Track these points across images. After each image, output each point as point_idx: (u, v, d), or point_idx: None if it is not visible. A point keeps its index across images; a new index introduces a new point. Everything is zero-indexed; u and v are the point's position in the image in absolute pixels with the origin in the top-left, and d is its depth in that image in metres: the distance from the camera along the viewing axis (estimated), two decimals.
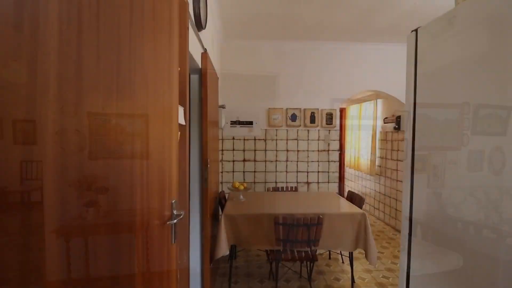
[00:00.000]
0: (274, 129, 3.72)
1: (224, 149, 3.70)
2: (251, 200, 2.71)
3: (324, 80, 3.74)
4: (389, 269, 2.80)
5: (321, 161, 3.77)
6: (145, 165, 0.71)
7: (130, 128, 0.75)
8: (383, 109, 4.43)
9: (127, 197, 0.77)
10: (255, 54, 3.69)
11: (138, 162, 0.72)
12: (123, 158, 0.75)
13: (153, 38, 0.86)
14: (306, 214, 2.24)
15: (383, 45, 3.73)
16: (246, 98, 3.70)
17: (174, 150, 0.95)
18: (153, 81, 0.79)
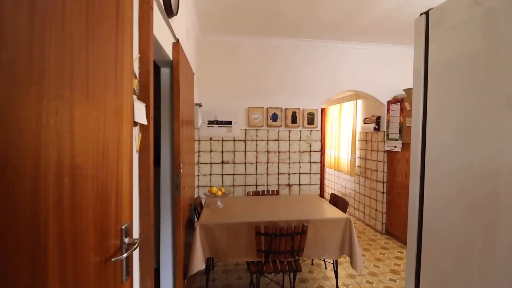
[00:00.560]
0: (254, 129, 3.54)
1: (200, 150, 3.45)
2: (230, 206, 2.50)
3: (305, 79, 3.62)
4: (372, 273, 2.73)
5: (302, 162, 3.65)
6: (67, 182, 0.48)
7: (39, 129, 0.48)
8: (363, 110, 4.42)
9: (25, 231, 0.45)
10: (235, 50, 3.48)
11: (51, 178, 0.46)
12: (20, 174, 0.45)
13: (90, 14, 0.63)
14: (289, 221, 2.08)
15: (364, 45, 3.69)
16: (225, 96, 3.48)
17: (126, 158, 0.73)
18: (86, 68, 0.56)
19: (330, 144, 5.56)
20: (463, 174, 0.65)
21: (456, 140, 0.66)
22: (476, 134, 0.64)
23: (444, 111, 0.68)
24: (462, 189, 0.66)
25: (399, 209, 3.57)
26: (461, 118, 0.65)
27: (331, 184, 5.66)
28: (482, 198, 0.61)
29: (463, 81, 0.64)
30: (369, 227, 4.15)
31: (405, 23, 3.00)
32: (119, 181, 0.68)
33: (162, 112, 2.10)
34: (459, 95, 0.66)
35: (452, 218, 0.67)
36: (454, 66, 0.66)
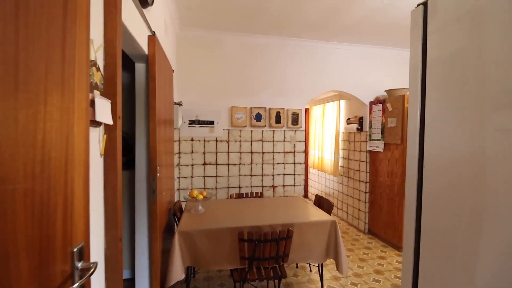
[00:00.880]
0: (238, 130, 3.43)
1: (181, 151, 3.29)
2: (212, 210, 2.37)
3: (290, 78, 3.57)
4: (357, 274, 2.72)
5: (287, 163, 3.59)
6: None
7: None
8: (346, 110, 4.44)
9: None
10: (217, 47, 3.35)
11: None
12: None
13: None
14: (273, 225, 1.99)
15: (348, 45, 3.69)
16: (207, 95, 3.34)
17: (79, 165, 0.60)
18: (13, 51, 0.43)
19: (313, 144, 5.56)
20: (462, 176, 0.59)
21: (457, 140, 0.60)
22: (477, 134, 0.58)
23: (445, 112, 0.62)
24: (461, 190, 0.60)
25: (382, 209, 3.61)
26: (468, 119, 0.58)
27: (315, 184, 5.67)
28: (471, 200, 0.56)
29: (469, 77, 0.58)
30: (352, 226, 4.17)
31: (387, 24, 3.03)
32: (69, 195, 0.55)
33: (137, 111, 1.94)
34: (462, 93, 0.59)
35: (452, 221, 0.60)
36: (457, 62, 0.59)
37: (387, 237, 3.47)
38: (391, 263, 2.95)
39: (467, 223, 0.58)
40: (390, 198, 3.45)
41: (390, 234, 3.42)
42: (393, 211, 3.38)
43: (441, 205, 0.61)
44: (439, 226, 0.62)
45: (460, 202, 0.60)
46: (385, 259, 3.06)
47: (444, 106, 0.61)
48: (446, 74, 0.61)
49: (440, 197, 0.61)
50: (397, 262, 2.97)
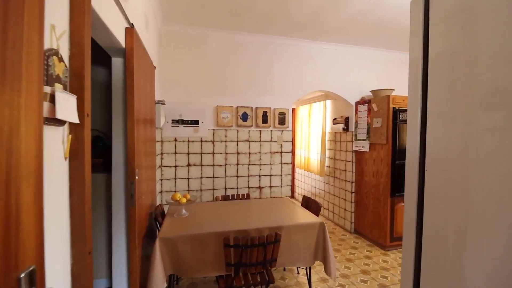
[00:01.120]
0: (223, 130, 3.33)
1: (164, 152, 3.14)
2: (196, 214, 2.27)
3: (276, 77, 3.51)
4: (344, 275, 2.70)
5: (273, 163, 3.53)
6: None
7: None
8: (332, 110, 4.45)
9: None
10: (202, 43, 3.24)
11: None
12: None
13: None
14: (260, 229, 1.92)
15: (334, 45, 3.69)
16: (191, 93, 3.22)
17: (28, 172, 0.49)
18: None
19: (300, 144, 5.55)
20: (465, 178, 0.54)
21: (455, 139, 0.55)
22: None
23: (450, 110, 0.57)
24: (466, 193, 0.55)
25: (367, 208, 3.64)
26: (474, 118, 0.54)
27: (301, 185, 5.66)
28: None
29: (461, 75, 0.53)
30: (339, 226, 4.18)
31: (373, 25, 3.04)
32: (12, 209, 0.45)
33: (114, 109, 1.80)
34: (467, 89, 0.54)
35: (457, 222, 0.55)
36: (465, 57, 0.55)
37: (373, 237, 3.50)
38: (377, 263, 2.96)
39: (456, 223, 0.54)
40: (375, 197, 3.48)
41: (376, 233, 3.45)
42: (379, 211, 3.41)
43: (443, 202, 0.56)
44: (441, 223, 0.57)
45: (458, 200, 0.56)
46: (371, 258, 3.07)
47: (448, 103, 0.56)
48: (450, 70, 0.56)
49: (442, 194, 0.56)
50: (383, 262, 2.99)
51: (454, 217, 0.56)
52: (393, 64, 4.01)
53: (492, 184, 0.50)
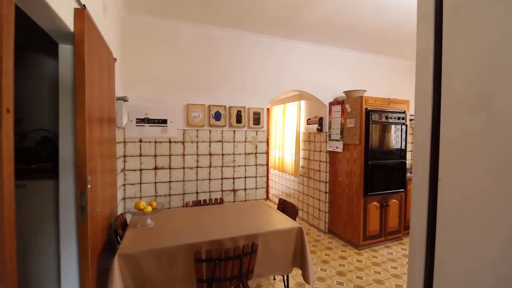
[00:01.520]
0: (195, 129, 3.11)
1: (127, 154, 2.84)
2: (163, 224, 2.04)
3: (251, 75, 3.37)
4: (320, 278, 2.65)
5: (248, 165, 3.39)
6: None
7: None
8: (306, 110, 4.44)
9: None
10: (171, 36, 2.98)
11: None
12: None
13: None
14: (236, 238, 1.77)
15: (308, 44, 3.65)
16: (159, 90, 2.95)
17: None
18: None
19: (274, 145, 5.48)
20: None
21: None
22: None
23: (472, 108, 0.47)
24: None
25: (341, 208, 3.66)
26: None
27: (275, 185, 5.60)
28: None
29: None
30: (313, 227, 4.17)
31: (346, 27, 3.04)
32: None
33: (62, 105, 1.52)
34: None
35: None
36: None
37: (347, 236, 3.52)
38: (352, 263, 2.97)
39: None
40: (349, 197, 3.50)
41: (349, 233, 3.48)
42: (352, 210, 3.44)
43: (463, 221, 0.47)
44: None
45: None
46: (346, 259, 3.07)
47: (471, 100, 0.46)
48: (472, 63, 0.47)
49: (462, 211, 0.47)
50: (357, 261, 3.00)
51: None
52: (364, 66, 4.10)
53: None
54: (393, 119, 3.40)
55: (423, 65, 0.54)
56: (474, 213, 0.46)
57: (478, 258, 0.45)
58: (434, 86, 0.51)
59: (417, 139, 0.53)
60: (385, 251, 3.28)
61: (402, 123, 3.47)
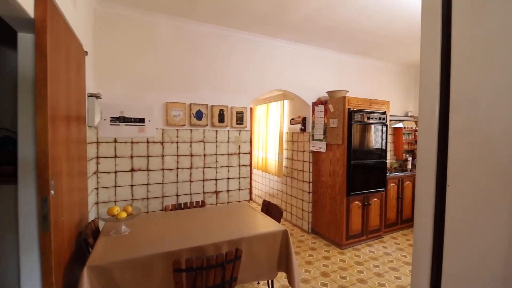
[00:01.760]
0: (174, 129, 2.97)
1: (100, 156, 2.65)
2: (140, 230, 1.90)
3: (234, 74, 3.28)
4: (305, 280, 2.62)
5: (231, 166, 3.30)
6: None
7: None
8: (290, 110, 4.42)
9: None
10: (150, 30, 2.82)
11: None
12: None
13: None
14: (218, 244, 1.67)
15: (292, 43, 3.62)
16: (135, 87, 2.78)
17: None
18: None
19: (257, 145, 5.42)
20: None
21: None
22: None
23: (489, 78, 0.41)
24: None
25: (324, 208, 3.66)
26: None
27: (259, 186, 5.54)
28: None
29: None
30: (297, 227, 4.16)
31: (329, 27, 3.03)
32: None
33: (21, 102, 1.35)
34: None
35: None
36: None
37: (330, 236, 3.54)
38: (335, 263, 2.97)
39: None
40: (332, 197, 3.52)
41: (333, 232, 3.49)
42: (335, 210, 3.45)
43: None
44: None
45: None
46: (329, 259, 3.07)
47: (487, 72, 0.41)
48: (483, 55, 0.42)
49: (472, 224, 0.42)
50: (341, 261, 3.01)
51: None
52: (346, 67, 4.14)
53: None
54: (374, 119, 3.45)
55: (429, 56, 0.49)
56: (489, 223, 0.41)
57: (493, 275, 0.40)
58: (441, 80, 0.46)
59: (422, 141, 0.48)
60: (367, 249, 3.33)
61: (383, 123, 3.54)
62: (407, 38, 3.41)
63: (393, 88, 4.71)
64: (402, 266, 2.89)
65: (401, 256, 3.14)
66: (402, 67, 4.75)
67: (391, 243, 3.54)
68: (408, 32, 3.22)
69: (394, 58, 4.33)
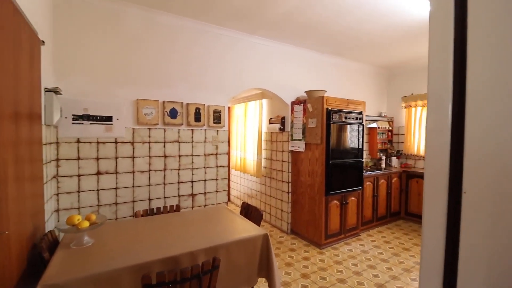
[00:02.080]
0: (146, 128, 2.76)
1: (61, 158, 2.38)
2: (105, 241, 1.71)
3: (211, 70, 3.14)
4: (285, 283, 2.56)
5: (208, 167, 3.15)
6: None
7: None
8: (268, 110, 4.36)
9: None
10: (117, 21, 2.59)
11: None
12: None
13: None
14: (195, 253, 1.54)
15: (270, 41, 3.56)
16: (101, 82, 2.54)
17: None
18: None
19: (235, 145, 5.30)
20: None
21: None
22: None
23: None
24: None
25: (303, 208, 3.65)
26: None
27: (237, 187, 5.43)
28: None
29: None
30: (276, 228, 4.10)
31: (306, 26, 3.01)
32: None
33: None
34: None
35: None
36: None
37: (309, 236, 3.52)
38: (315, 263, 2.95)
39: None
40: (311, 197, 3.51)
41: (312, 232, 3.48)
42: (314, 210, 3.44)
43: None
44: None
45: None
46: (309, 259, 3.04)
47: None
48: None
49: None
50: (320, 261, 2.99)
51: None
52: (324, 67, 4.17)
53: None
54: (351, 119, 3.49)
55: (439, 52, 0.42)
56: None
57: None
58: (455, 78, 0.39)
59: (431, 145, 0.42)
60: (345, 248, 3.36)
61: (360, 123, 3.59)
62: (381, 40, 3.50)
63: (368, 89, 4.84)
64: (379, 264, 2.94)
65: (377, 254, 3.20)
66: (375, 69, 4.90)
67: (368, 240, 3.61)
68: (382, 33, 3.29)
69: (368, 60, 4.44)
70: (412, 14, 2.77)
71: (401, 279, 2.62)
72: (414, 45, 3.68)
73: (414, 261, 3.00)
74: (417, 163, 4.69)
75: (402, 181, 4.43)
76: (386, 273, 2.73)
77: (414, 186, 4.28)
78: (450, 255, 0.38)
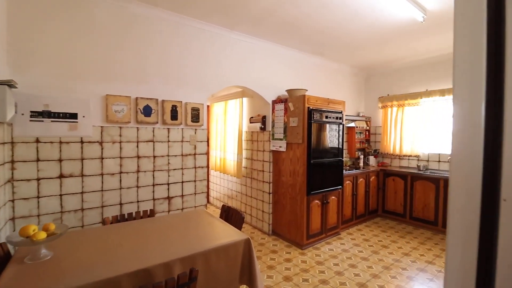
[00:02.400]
0: (117, 127, 2.55)
1: (16, 159, 2.11)
2: (66, 254, 1.51)
3: (189, 66, 2.98)
4: (268, 287, 2.47)
5: (186, 168, 2.99)
6: None
7: None
8: (249, 108, 4.26)
9: None
10: (82, 5, 2.35)
11: None
12: None
13: None
14: (170, 264, 1.40)
15: (251, 38, 3.46)
16: (65, 75, 2.29)
17: None
18: None
19: (215, 145, 5.14)
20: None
21: None
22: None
23: None
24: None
25: (284, 208, 3.59)
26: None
27: (217, 188, 5.27)
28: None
29: None
30: (257, 229, 4.02)
31: (287, 23, 2.95)
32: None
33: None
34: None
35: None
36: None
37: (291, 236, 3.48)
38: (297, 265, 2.90)
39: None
40: (292, 197, 3.46)
41: (293, 232, 3.43)
42: (296, 210, 3.40)
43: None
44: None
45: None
46: (291, 261, 2.99)
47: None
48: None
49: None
50: (302, 262, 2.95)
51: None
52: (304, 66, 4.15)
53: None
54: (332, 118, 3.49)
55: (469, 34, 0.35)
56: None
57: None
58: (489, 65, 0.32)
59: (459, 140, 0.34)
60: (326, 247, 3.35)
61: (340, 122, 3.61)
62: (360, 41, 3.54)
63: (346, 89, 4.91)
64: (359, 262, 2.95)
65: (358, 252, 3.22)
66: (354, 69, 4.98)
67: (348, 239, 3.64)
68: (361, 35, 3.32)
69: (347, 60, 4.50)
70: (391, 15, 2.81)
71: (381, 277, 2.64)
72: (389, 47, 3.77)
73: (392, 259, 3.05)
74: (393, 161, 4.84)
75: (380, 179, 4.54)
76: (367, 272, 2.75)
77: (391, 184, 4.40)
78: (482, 280, 0.31)
